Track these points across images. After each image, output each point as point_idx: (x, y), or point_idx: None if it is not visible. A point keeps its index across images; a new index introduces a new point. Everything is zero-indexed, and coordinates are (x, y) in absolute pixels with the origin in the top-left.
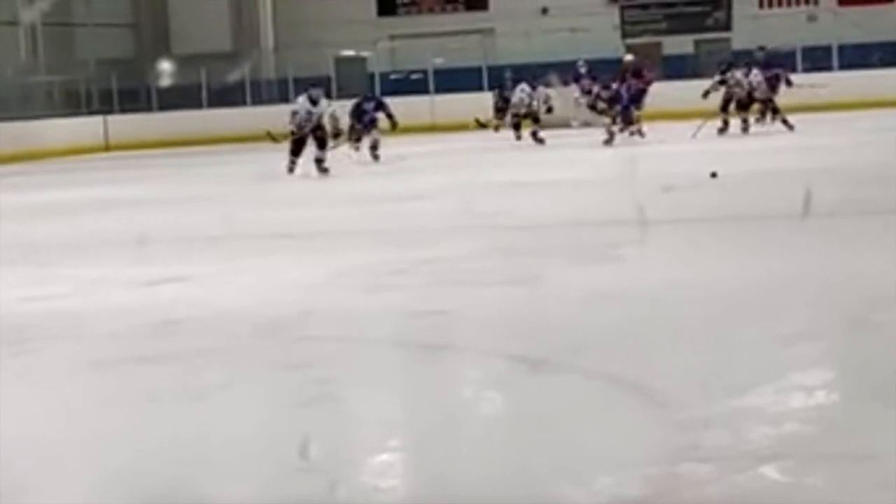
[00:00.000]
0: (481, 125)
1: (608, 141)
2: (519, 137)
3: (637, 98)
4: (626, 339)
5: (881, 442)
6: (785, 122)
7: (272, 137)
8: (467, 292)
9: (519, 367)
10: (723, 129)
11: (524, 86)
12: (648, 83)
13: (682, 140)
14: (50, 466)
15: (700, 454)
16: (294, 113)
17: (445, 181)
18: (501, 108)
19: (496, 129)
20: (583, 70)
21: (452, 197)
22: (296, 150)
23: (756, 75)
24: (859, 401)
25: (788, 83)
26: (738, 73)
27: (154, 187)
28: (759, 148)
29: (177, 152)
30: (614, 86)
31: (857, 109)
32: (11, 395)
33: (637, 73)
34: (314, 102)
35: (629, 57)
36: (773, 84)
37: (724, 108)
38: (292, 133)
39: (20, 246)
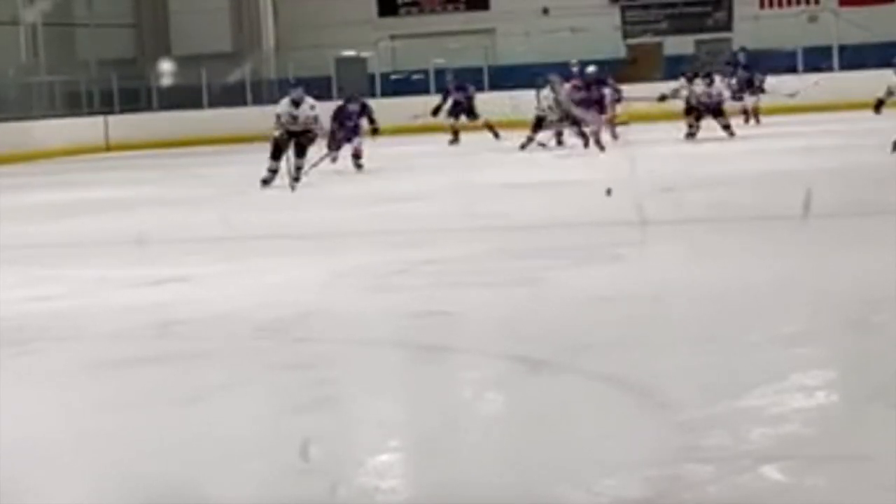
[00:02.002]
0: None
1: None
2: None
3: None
4: (627, 340)
5: (882, 443)
6: (727, 127)
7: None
8: (468, 293)
9: (520, 368)
10: (690, 135)
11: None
12: (618, 99)
13: (684, 141)
14: (51, 467)
15: (701, 455)
16: (278, 116)
17: (446, 182)
18: (455, 114)
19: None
20: (574, 70)
21: (453, 198)
22: (275, 154)
23: (703, 84)
24: (860, 401)
25: (761, 90)
26: (695, 84)
27: (154, 188)
28: (759, 149)
29: (177, 153)
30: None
31: (858, 110)
32: (12, 395)
33: (600, 85)
34: (296, 104)
35: (592, 68)
36: (751, 87)
37: (688, 112)
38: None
39: (21, 246)
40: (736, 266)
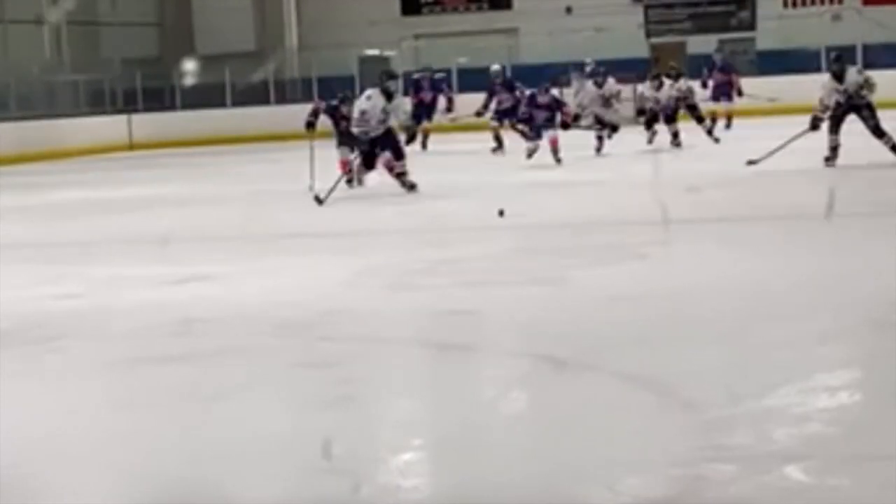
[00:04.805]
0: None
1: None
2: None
3: (512, 112)
4: (650, 340)
5: None
6: (710, 132)
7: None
8: (491, 292)
9: (543, 367)
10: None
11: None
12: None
13: (700, 141)
14: (72, 465)
15: (723, 454)
16: (363, 113)
17: (467, 181)
18: (417, 115)
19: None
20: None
21: (474, 197)
22: (369, 163)
23: (670, 87)
24: (883, 401)
25: (739, 93)
26: (643, 87)
27: (177, 186)
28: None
29: (201, 151)
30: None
31: (881, 109)
32: (34, 393)
33: (509, 87)
34: (389, 96)
35: (496, 66)
36: (726, 91)
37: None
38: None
39: (44, 245)
40: (759, 265)
